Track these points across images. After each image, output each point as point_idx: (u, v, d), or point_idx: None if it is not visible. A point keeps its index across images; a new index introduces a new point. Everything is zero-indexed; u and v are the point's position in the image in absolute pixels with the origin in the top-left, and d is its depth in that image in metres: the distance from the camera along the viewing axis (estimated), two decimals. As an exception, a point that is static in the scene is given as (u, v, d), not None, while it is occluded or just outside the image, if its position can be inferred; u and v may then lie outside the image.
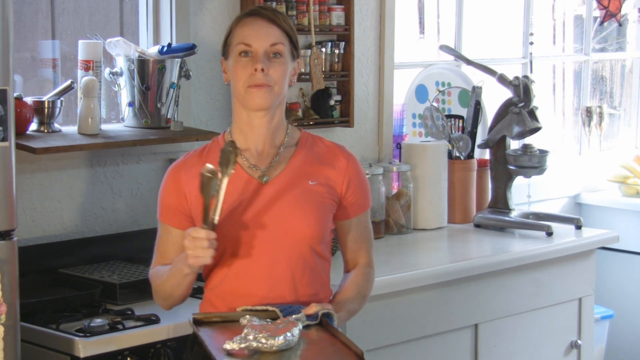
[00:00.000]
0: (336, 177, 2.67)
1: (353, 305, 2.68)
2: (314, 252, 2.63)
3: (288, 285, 2.60)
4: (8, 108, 2.56)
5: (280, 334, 2.33)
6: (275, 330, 2.34)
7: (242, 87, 2.58)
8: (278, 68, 2.58)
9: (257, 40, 2.57)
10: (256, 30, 2.58)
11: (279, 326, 2.37)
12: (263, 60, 2.56)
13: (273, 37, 2.58)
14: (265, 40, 2.58)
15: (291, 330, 2.35)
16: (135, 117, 3.49)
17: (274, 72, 2.58)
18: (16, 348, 2.62)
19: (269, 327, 2.37)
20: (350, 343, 2.39)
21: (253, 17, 2.61)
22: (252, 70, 2.56)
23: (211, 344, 2.36)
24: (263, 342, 2.31)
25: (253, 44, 2.57)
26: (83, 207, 3.46)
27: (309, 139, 2.72)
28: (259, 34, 2.58)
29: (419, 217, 4.19)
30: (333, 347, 2.40)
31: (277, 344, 2.31)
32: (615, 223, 5.02)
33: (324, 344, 2.42)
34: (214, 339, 2.40)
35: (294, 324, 2.39)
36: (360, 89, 4.24)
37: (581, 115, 5.36)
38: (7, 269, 2.59)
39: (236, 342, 2.31)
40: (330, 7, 4.04)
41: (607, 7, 5.27)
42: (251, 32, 2.58)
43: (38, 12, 3.46)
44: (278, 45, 2.59)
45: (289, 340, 2.33)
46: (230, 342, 2.32)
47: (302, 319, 2.47)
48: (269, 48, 2.58)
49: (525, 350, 3.92)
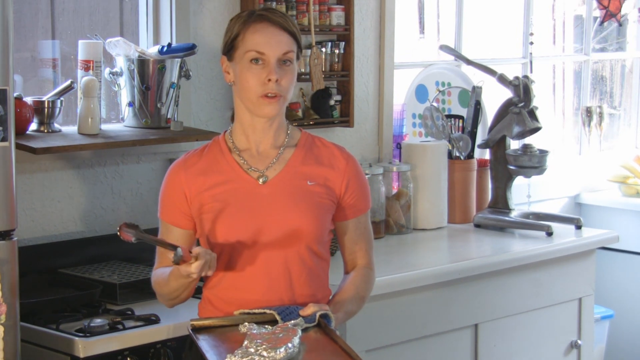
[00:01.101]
0: (335, 178, 2.68)
1: (351, 306, 2.68)
2: (311, 252, 2.63)
3: (285, 285, 2.60)
4: (8, 108, 2.56)
5: (281, 344, 2.32)
6: (276, 341, 2.33)
7: (254, 95, 2.58)
8: (289, 77, 2.59)
9: (270, 48, 2.56)
10: (269, 38, 2.57)
11: (279, 335, 2.36)
12: (276, 70, 2.56)
13: (285, 45, 2.58)
14: (278, 49, 2.57)
15: (292, 340, 2.35)
16: (135, 117, 3.49)
17: (285, 81, 2.58)
18: (16, 348, 2.62)
19: (269, 337, 2.36)
20: (349, 349, 2.39)
21: (264, 24, 2.59)
22: (265, 79, 2.56)
23: (211, 357, 2.35)
24: (264, 355, 2.30)
25: (266, 52, 2.56)
26: (83, 207, 3.46)
27: (309, 139, 2.72)
28: (271, 42, 2.57)
29: (419, 217, 4.19)
30: (333, 354, 2.39)
31: (278, 357, 2.30)
32: (615, 223, 5.02)
33: (324, 351, 2.41)
34: (214, 350, 2.39)
35: (293, 332, 2.38)
36: (360, 89, 4.24)
37: (581, 115, 5.36)
38: (7, 269, 2.59)
39: (237, 356, 2.31)
40: (330, 7, 4.04)
41: (607, 7, 5.27)
42: (263, 40, 2.57)
43: (38, 12, 3.46)
44: (289, 54, 2.59)
45: (290, 352, 2.32)
46: (232, 355, 2.31)
47: (301, 324, 2.46)
48: (281, 56, 2.57)
49: (525, 350, 3.92)
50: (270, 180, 2.63)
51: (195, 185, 2.62)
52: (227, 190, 2.61)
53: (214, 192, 2.61)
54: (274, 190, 2.62)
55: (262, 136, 2.66)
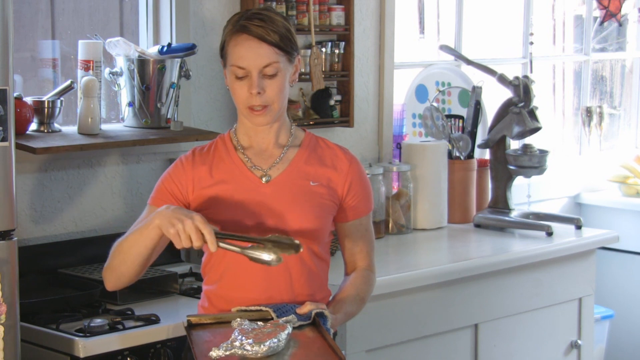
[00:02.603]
0: (338, 179, 2.68)
1: (351, 307, 2.68)
2: (311, 252, 2.63)
3: (285, 285, 2.60)
4: (8, 108, 2.56)
5: (266, 340, 2.33)
6: (262, 336, 2.35)
7: (242, 106, 2.59)
8: (274, 86, 2.57)
9: (249, 61, 2.55)
10: (247, 51, 2.55)
11: (267, 330, 2.38)
12: (258, 83, 2.55)
13: (265, 58, 2.55)
14: (257, 61, 2.55)
15: (277, 336, 2.36)
16: (135, 117, 3.49)
17: (270, 90, 2.57)
18: (16, 348, 2.62)
19: (257, 331, 2.37)
20: (336, 347, 2.39)
21: (243, 36, 2.55)
22: (249, 92, 2.56)
23: (199, 351, 2.37)
24: (248, 349, 2.32)
25: (246, 66, 2.55)
26: (83, 207, 3.46)
27: (313, 139, 2.72)
28: (249, 55, 2.55)
29: (419, 217, 4.19)
30: (320, 351, 2.39)
31: (261, 350, 2.32)
32: (615, 223, 5.02)
33: (312, 348, 2.42)
34: (203, 344, 2.40)
35: (282, 328, 2.39)
36: (360, 89, 4.24)
37: (581, 115, 5.36)
38: (7, 269, 2.59)
39: (222, 349, 2.33)
40: (330, 7, 4.04)
41: (607, 7, 5.27)
42: (243, 54, 2.55)
43: (38, 12, 3.46)
44: (270, 66, 2.56)
45: (273, 347, 2.33)
46: (216, 349, 2.33)
47: (293, 321, 2.47)
48: (262, 69, 2.56)
49: (525, 350, 3.92)
50: (273, 180, 2.63)
51: (199, 181, 2.62)
52: (230, 188, 2.61)
53: (217, 188, 2.61)
54: (276, 190, 2.62)
55: (264, 136, 2.66)
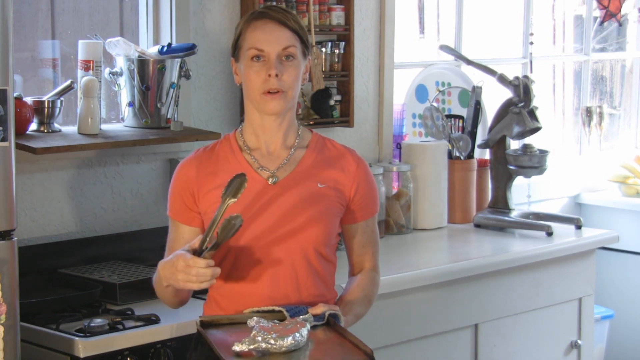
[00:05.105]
0: (345, 180, 2.67)
1: (360, 308, 2.68)
2: (318, 254, 2.62)
3: (292, 286, 2.60)
4: (8, 108, 2.56)
5: (289, 334, 2.33)
6: (284, 331, 2.34)
7: (257, 93, 2.57)
8: (292, 72, 2.58)
9: (269, 44, 2.55)
10: (267, 34, 2.56)
11: (288, 326, 2.37)
12: (276, 65, 2.55)
13: (285, 40, 2.57)
14: (277, 44, 2.56)
15: (299, 331, 2.35)
16: (135, 117, 3.49)
17: (287, 76, 2.57)
18: (16, 348, 2.62)
19: (278, 327, 2.37)
20: (359, 342, 2.39)
21: (263, 20, 2.58)
22: (266, 75, 2.55)
23: (219, 346, 2.35)
24: (272, 342, 2.31)
25: (265, 48, 2.55)
26: (83, 207, 3.46)
27: (320, 141, 2.72)
28: (270, 38, 2.56)
29: (419, 217, 4.19)
30: (342, 347, 2.39)
31: (285, 344, 2.31)
32: (615, 223, 5.02)
33: (333, 344, 2.41)
34: (222, 341, 2.39)
35: (302, 324, 2.39)
36: (360, 89, 4.24)
37: (581, 115, 5.36)
38: (7, 269, 2.59)
39: (245, 344, 2.31)
40: (330, 7, 4.04)
41: (607, 7, 5.27)
42: (262, 36, 2.56)
43: (38, 12, 3.46)
44: (290, 48, 2.57)
45: (297, 340, 2.33)
46: (239, 343, 2.32)
47: (310, 320, 2.46)
48: (281, 51, 2.56)
49: (525, 350, 3.92)
50: (281, 181, 2.62)
51: (205, 183, 2.61)
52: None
53: None
54: (283, 191, 2.61)
55: (272, 136, 2.65)
